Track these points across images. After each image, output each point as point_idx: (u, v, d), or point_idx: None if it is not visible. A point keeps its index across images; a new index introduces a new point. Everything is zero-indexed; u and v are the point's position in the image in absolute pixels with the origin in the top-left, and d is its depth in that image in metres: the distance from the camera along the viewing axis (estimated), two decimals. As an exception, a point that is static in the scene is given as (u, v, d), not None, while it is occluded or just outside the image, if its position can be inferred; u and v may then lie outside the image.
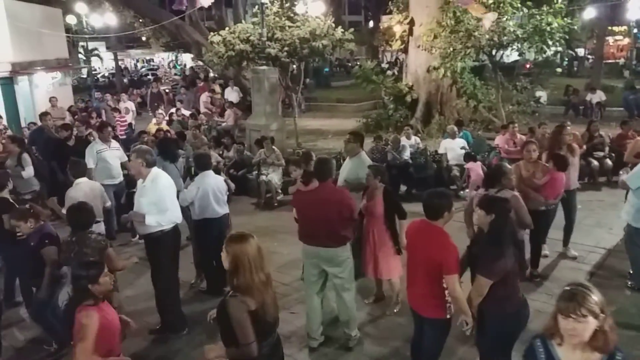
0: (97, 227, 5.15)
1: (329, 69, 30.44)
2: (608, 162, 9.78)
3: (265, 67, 11.50)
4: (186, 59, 44.35)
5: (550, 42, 12.62)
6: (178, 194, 5.35)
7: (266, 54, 11.77)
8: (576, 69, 30.86)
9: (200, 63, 25.94)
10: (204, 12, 22.10)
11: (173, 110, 15.26)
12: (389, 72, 18.68)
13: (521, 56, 14.84)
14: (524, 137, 9.51)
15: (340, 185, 5.66)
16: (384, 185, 5.19)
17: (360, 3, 41.92)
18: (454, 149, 9.67)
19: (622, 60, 32.85)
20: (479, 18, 12.28)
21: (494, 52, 13.54)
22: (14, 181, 7.32)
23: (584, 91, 17.63)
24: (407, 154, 9.77)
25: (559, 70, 20.88)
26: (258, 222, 8.44)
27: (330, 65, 31.88)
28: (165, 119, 13.67)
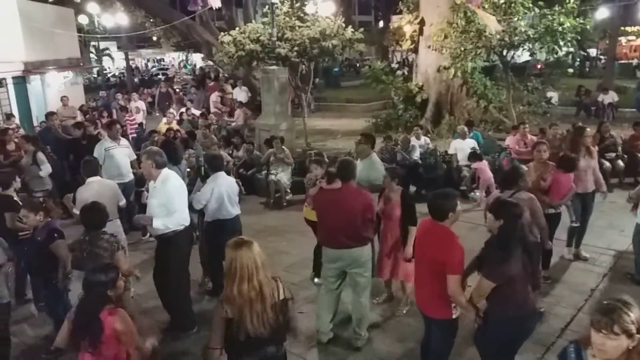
0: (112, 225, 5.14)
1: (338, 69, 30.37)
2: (620, 163, 9.68)
3: (275, 67, 11.51)
4: (196, 58, 44.55)
5: (562, 43, 12.47)
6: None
7: (276, 53, 11.77)
8: (588, 69, 30.55)
9: (210, 63, 26.03)
10: (214, 12, 22.05)
11: (183, 109, 15.36)
12: (398, 72, 18.59)
13: (532, 56, 14.74)
14: (535, 138, 9.46)
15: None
16: (401, 188, 5.14)
17: (370, 3, 41.86)
18: (464, 149, 9.61)
19: (635, 61, 32.45)
20: (485, 23, 12.22)
21: (504, 52, 13.44)
22: (29, 179, 7.47)
23: (596, 92, 17.44)
24: (416, 154, 9.74)
25: (571, 70, 20.66)
26: (267, 221, 8.47)
27: (340, 66, 31.82)
28: (176, 118, 13.77)
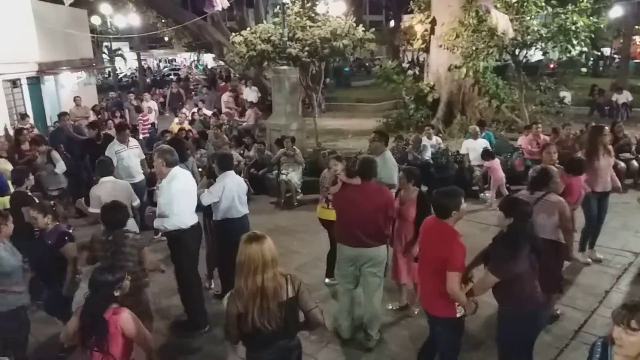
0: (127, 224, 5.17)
1: (349, 68, 30.32)
2: (634, 163, 9.58)
3: (285, 67, 11.54)
4: (207, 59, 44.74)
5: (575, 42, 12.36)
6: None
7: (287, 53, 11.80)
8: (602, 68, 30.26)
9: (221, 63, 26.13)
10: (225, 13, 22.21)
11: (195, 109, 15.44)
12: (409, 72, 18.55)
13: (545, 56, 14.61)
14: (548, 138, 9.39)
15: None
16: (417, 189, 5.07)
17: (381, 3, 41.75)
18: (476, 149, 9.53)
19: (649, 60, 32.13)
20: (496, 23, 12.13)
21: (517, 51, 13.35)
22: (44, 178, 7.64)
23: (609, 91, 17.29)
24: (428, 154, 9.71)
25: (584, 70, 20.42)
26: (278, 221, 8.49)
27: (351, 65, 31.79)
28: (188, 118, 13.86)
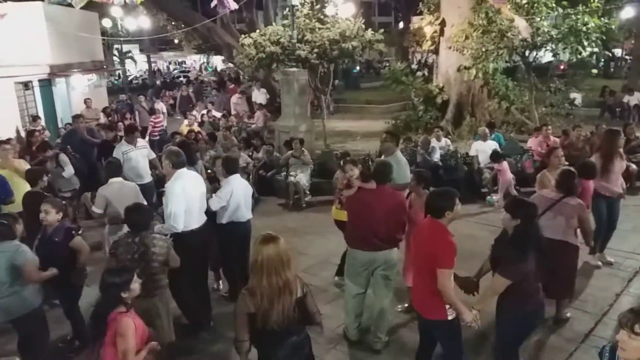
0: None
1: (357, 70, 30.31)
2: (646, 165, 9.49)
3: (294, 69, 11.55)
4: (217, 61, 44.96)
5: (586, 43, 12.25)
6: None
7: (296, 55, 11.83)
8: (613, 70, 30.01)
9: (231, 65, 26.22)
10: (235, 15, 22.33)
11: (204, 111, 15.51)
12: (418, 73, 18.50)
13: (555, 57, 14.51)
14: (558, 140, 9.33)
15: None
16: (427, 192, 4.93)
17: (390, 4, 41.75)
18: (485, 151, 9.49)
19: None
20: (511, 19, 12.08)
21: (527, 52, 13.27)
22: (55, 180, 7.73)
23: (620, 93, 17.11)
24: (437, 156, 9.68)
25: (595, 71, 20.25)
26: (286, 223, 8.50)
27: (359, 67, 31.78)
28: (197, 120, 13.93)
